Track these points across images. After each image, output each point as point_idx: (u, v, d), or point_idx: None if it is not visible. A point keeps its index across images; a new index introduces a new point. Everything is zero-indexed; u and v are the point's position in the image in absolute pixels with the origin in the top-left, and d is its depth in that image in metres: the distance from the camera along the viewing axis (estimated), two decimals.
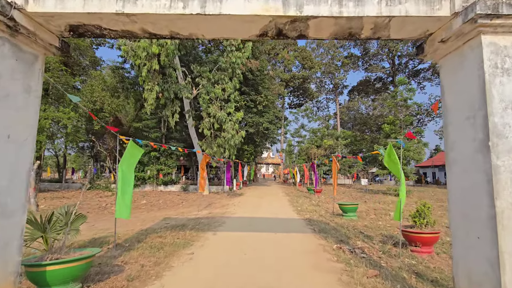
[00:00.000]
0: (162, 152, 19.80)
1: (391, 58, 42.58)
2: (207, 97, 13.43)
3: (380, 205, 13.23)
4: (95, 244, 5.65)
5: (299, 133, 28.74)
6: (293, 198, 16.41)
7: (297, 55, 36.66)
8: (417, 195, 19.63)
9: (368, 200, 15.48)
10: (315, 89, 48.35)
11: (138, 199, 14.54)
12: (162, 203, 13.26)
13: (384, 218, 9.48)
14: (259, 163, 45.99)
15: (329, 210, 11.42)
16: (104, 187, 19.51)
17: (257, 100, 20.58)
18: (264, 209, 11.28)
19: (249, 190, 22.20)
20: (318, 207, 12.16)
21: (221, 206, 12.18)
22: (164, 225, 7.64)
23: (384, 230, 7.50)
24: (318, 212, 10.55)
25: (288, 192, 20.54)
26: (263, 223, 8.21)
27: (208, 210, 10.81)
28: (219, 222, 8.18)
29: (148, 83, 11.89)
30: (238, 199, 15.42)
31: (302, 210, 11.11)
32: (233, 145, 13.29)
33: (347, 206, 9.15)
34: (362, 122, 48.91)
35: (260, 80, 20.74)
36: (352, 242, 6.05)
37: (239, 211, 10.50)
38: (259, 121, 20.49)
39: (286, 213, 10.43)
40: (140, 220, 8.64)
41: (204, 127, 13.83)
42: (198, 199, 15.20)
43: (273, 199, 15.70)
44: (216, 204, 12.93)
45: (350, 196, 18.20)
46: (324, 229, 7.24)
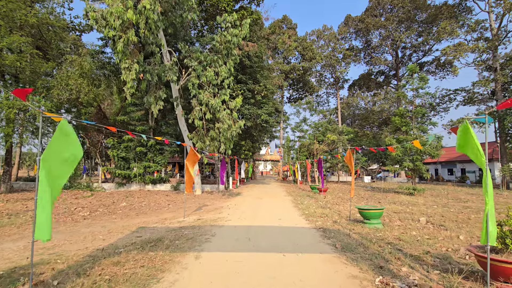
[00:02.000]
0: (150, 147, 17.80)
1: (395, 49, 40.71)
2: (197, 82, 11.43)
3: (398, 207, 11.41)
4: (9, 278, 3.69)
5: (301, 127, 26.87)
6: (296, 198, 14.55)
7: (297, 45, 34.64)
8: (430, 194, 17.89)
9: (381, 201, 13.65)
10: (315, 83, 46.44)
11: (118, 201, 12.58)
12: (145, 205, 11.31)
13: (414, 225, 7.63)
14: (257, 160, 44.10)
15: (342, 213, 9.56)
16: (85, 186, 17.50)
17: (255, 89, 18.61)
18: (264, 214, 9.39)
19: (247, 189, 20.30)
20: (328, 210, 10.30)
21: (214, 210, 10.28)
22: (133, 240, 5.71)
23: (427, 245, 5.64)
24: (331, 217, 8.69)
25: (289, 191, 18.68)
26: (265, 235, 6.31)
27: (197, 216, 8.89)
28: (208, 234, 6.27)
29: (125, 60, 9.85)
30: (235, 200, 13.52)
31: (310, 214, 9.24)
32: (230, 138, 11.35)
33: (370, 211, 7.28)
34: (364, 117, 47.20)
35: (258, 67, 18.76)
36: (396, 270, 4.19)
37: (234, 217, 8.59)
38: (257, 113, 18.54)
39: (292, 218, 8.55)
40: (106, 232, 6.69)
41: (194, 117, 11.87)
42: (189, 200, 13.28)
43: (274, 199, 13.82)
44: (209, 207, 11.02)
45: (358, 196, 16.37)
46: (348, 246, 5.37)
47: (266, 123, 18.68)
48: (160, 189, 18.13)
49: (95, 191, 17.33)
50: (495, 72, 28.30)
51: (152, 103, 11.15)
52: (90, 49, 16.41)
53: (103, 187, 18.07)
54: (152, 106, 11.19)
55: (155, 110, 11.20)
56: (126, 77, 9.79)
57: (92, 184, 18.19)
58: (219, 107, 11.19)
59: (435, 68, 40.69)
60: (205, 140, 12.41)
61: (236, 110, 11.75)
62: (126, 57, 9.84)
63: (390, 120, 43.85)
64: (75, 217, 8.63)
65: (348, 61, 44.32)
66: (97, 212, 9.62)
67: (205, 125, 12.49)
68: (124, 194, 15.51)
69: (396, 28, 38.48)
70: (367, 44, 44.50)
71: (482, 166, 3.36)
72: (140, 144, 17.79)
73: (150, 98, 11.09)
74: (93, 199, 13.18)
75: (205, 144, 12.42)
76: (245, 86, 18.26)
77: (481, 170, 39.37)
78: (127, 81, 9.82)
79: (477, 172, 39.60)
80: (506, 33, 27.66)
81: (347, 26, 43.55)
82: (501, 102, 28.16)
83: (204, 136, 12.50)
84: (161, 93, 11.15)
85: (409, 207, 11.63)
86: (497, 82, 27.40)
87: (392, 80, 45.84)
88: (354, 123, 53.71)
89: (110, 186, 18.11)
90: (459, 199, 15.42)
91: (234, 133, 11.22)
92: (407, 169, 17.09)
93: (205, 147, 12.51)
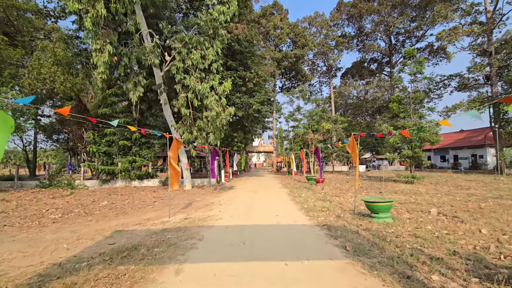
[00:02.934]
0: (135, 141, 16.60)
1: (388, 35, 39.88)
2: (181, 66, 10.27)
3: (402, 197, 10.72)
4: None
5: (295, 117, 25.96)
6: (292, 190, 13.74)
7: (288, 31, 33.32)
8: (428, 182, 17.39)
9: (382, 190, 12.97)
10: (308, 72, 45.36)
11: (99, 199, 11.49)
12: (127, 204, 10.27)
13: (426, 218, 6.88)
14: (250, 151, 43.19)
15: (344, 206, 8.77)
16: (66, 184, 16.27)
17: (246, 76, 17.49)
18: (260, 209, 8.51)
19: (240, 182, 19.41)
20: (328, 202, 9.49)
21: (204, 206, 9.34)
22: (103, 249, 4.73)
23: (449, 242, 4.86)
24: (333, 211, 7.88)
25: (285, 183, 17.88)
26: (262, 237, 5.43)
27: (184, 214, 7.94)
28: (195, 237, 5.34)
29: (96, 40, 8.56)
30: (227, 194, 12.60)
31: (310, 208, 8.40)
32: (219, 127, 10.30)
33: (379, 204, 6.46)
34: (357, 106, 46.63)
35: (249, 52, 17.59)
36: (425, 279, 3.36)
37: (226, 214, 7.68)
38: (249, 102, 17.48)
39: (291, 214, 7.69)
40: (74, 238, 5.68)
41: (179, 105, 10.76)
42: (177, 196, 12.29)
43: (269, 193, 12.97)
44: (198, 203, 10.08)
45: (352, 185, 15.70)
46: (361, 247, 4.53)
47: (258, 113, 17.66)
48: (147, 185, 17.04)
49: (77, 189, 16.13)
50: (490, 56, 27.86)
51: (131, 90, 9.93)
52: (63, 34, 14.87)
53: (85, 184, 16.87)
54: (131, 93, 9.98)
55: (134, 98, 9.99)
56: (97, 60, 8.52)
57: (73, 182, 16.95)
58: (207, 92, 10.09)
59: (428, 54, 40.12)
60: (193, 130, 11.33)
61: (225, 95, 10.65)
62: (97, 37, 8.58)
63: (383, 108, 43.45)
64: (44, 220, 7.55)
65: (341, 48, 43.32)
66: (72, 213, 8.54)
67: (192, 114, 11.40)
68: (107, 191, 14.39)
69: (390, 13, 37.55)
70: (360, 31, 43.52)
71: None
72: (124, 137, 16.57)
73: (128, 84, 9.87)
74: (71, 198, 12.04)
75: (192, 135, 11.36)
76: (235, 73, 17.11)
77: (473, 156, 39.30)
78: (98, 65, 8.56)
79: (470, 159, 39.84)
80: (501, 16, 27.10)
81: (339, 12, 42.37)
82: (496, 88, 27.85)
83: (191, 126, 11.42)
84: (140, 78, 9.94)
85: (412, 196, 10.96)
86: (492, 66, 26.97)
87: (386, 67, 45.22)
88: (346, 112, 53.18)
89: (94, 183, 16.91)
90: (459, 186, 14.92)
91: (223, 122, 10.17)
92: (406, 157, 16.47)
93: (193, 139, 11.46)
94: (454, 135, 44.97)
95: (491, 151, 38.05)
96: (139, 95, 10.06)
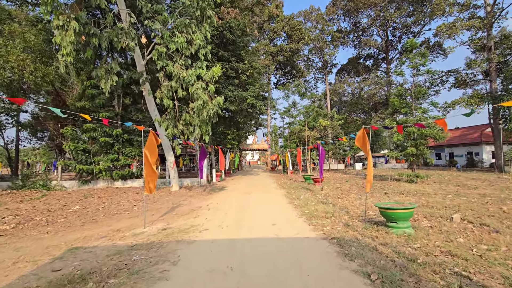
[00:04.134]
0: (117, 137, 15.17)
1: (385, 30, 38.98)
2: (164, 50, 8.94)
3: (410, 198, 9.66)
4: None
5: (290, 113, 24.79)
6: (289, 191, 12.59)
7: (284, 24, 32.05)
8: (432, 181, 16.47)
9: (387, 191, 11.91)
10: (304, 68, 44.24)
11: (72, 203, 10.11)
12: (102, 209, 8.93)
13: (450, 226, 5.79)
14: (244, 149, 41.97)
15: (350, 210, 7.65)
16: (41, 185, 14.79)
17: (239, 68, 16.20)
18: (253, 216, 7.30)
19: (233, 182, 18.17)
20: (331, 206, 8.36)
21: (190, 212, 8.09)
22: (37, 282, 3.45)
23: (498, 264, 3.75)
24: (339, 218, 6.74)
25: (280, 183, 16.72)
26: (256, 257, 4.21)
27: (163, 223, 6.68)
28: (168, 260, 4.10)
29: (58, 16, 7.12)
30: (217, 197, 11.37)
31: (311, 214, 7.24)
32: (207, 119, 9.00)
33: (398, 211, 5.32)
34: (353, 103, 45.80)
35: (242, 42, 16.30)
36: None
37: (213, 223, 6.45)
38: (242, 96, 16.21)
39: (290, 222, 6.51)
40: (12, 260, 4.37)
41: (162, 96, 9.44)
42: (161, 199, 11.01)
43: (264, 194, 11.77)
44: (183, 208, 8.82)
45: (356, 185, 14.66)
46: (388, 275, 3.37)
47: (252, 107, 16.42)
48: (131, 186, 15.66)
49: (53, 190, 14.67)
50: (490, 51, 27.18)
51: (102, 78, 8.51)
52: (31, 16, 13.28)
53: (63, 185, 15.40)
54: (102, 81, 8.56)
55: (106, 87, 8.59)
56: (60, 39, 7.10)
57: (50, 183, 15.46)
58: (193, 80, 8.77)
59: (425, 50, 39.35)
60: (178, 125, 10.03)
61: (214, 82, 9.37)
62: (58, 11, 7.17)
63: (380, 105, 42.71)
64: None
65: (337, 43, 42.30)
66: (30, 222, 7.19)
67: (177, 106, 10.09)
68: (86, 193, 12.99)
69: (387, 7, 36.64)
70: (356, 26, 42.55)
71: None
72: (105, 134, 15.13)
73: (99, 70, 8.44)
74: (41, 202, 10.63)
75: (178, 130, 10.06)
76: (228, 64, 15.81)
77: (469, 153, 38.76)
78: (63, 46, 7.15)
79: (465, 156, 39.48)
80: (500, 10, 26.40)
81: (335, 7, 41.27)
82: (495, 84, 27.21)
83: (176, 120, 10.12)
84: (113, 65, 8.55)
85: (421, 198, 9.93)
86: (492, 62, 26.28)
87: (382, 63, 44.44)
88: (341, 110, 52.34)
89: (73, 184, 15.44)
90: (465, 185, 13.99)
91: (211, 113, 8.88)
92: (410, 155, 15.48)
93: (179, 134, 10.16)
94: (449, 132, 44.64)
95: (487, 149, 37.68)
96: (112, 84, 8.67)
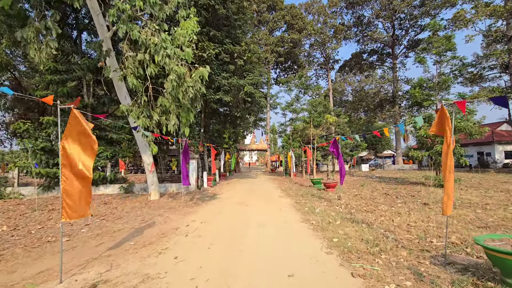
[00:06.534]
0: None
1: (392, 21, 36.49)
2: (127, 8, 6.25)
3: (467, 213, 7.04)
4: None
5: (293, 107, 22.18)
6: (298, 200, 9.92)
7: (284, 13, 29.46)
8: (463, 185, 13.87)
9: (424, 200, 9.26)
10: (305, 64, 41.69)
11: (8, 219, 7.37)
12: (36, 233, 6.22)
13: None
14: (242, 149, 39.25)
15: (402, 237, 5.01)
16: None
17: (234, 51, 13.55)
18: (253, 252, 4.62)
19: (228, 187, 15.47)
20: (366, 228, 5.71)
21: (157, 240, 5.38)
22: None
23: None
24: (395, 257, 4.09)
25: (285, 188, 14.04)
26: None
27: (101, 267, 3.96)
28: None
29: None
30: (204, 209, 8.68)
31: (345, 246, 4.57)
32: (186, 102, 6.32)
33: None
34: (358, 100, 43.30)
35: (238, 19, 13.66)
36: None
37: (183, 272, 3.77)
38: (239, 84, 13.55)
39: (318, 267, 3.83)
40: None
41: (127, 73, 6.78)
42: (132, 212, 8.31)
43: (266, 206, 9.07)
44: (152, 230, 6.12)
45: (370, 187, 11.99)
46: None
47: (250, 97, 13.77)
48: (104, 193, 12.91)
49: (8, 198, 11.94)
50: (510, 42, 24.82)
51: (30, 42, 5.79)
52: None
53: (20, 192, 12.65)
54: (31, 49, 5.82)
55: (39, 56, 5.92)
56: None
57: (4, 189, 12.69)
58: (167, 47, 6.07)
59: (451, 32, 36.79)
60: (153, 113, 7.37)
61: (194, 43, 6.71)
62: None
63: (386, 102, 40.23)
64: None
65: (340, 37, 39.80)
66: None
67: (151, 88, 7.41)
68: (41, 203, 10.23)
69: None
70: (360, 20, 40.10)
71: None
72: None
73: (26, 31, 5.71)
74: None
75: (152, 121, 7.40)
76: (221, 47, 13.15)
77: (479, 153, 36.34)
78: None
79: (475, 156, 37.12)
80: None
81: None
82: None
83: (149, 107, 7.45)
84: (51, 23, 5.87)
85: (476, 211, 7.34)
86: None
87: (387, 59, 42.00)
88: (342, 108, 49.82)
89: (32, 190, 12.69)
90: (508, 190, 11.42)
91: (191, 93, 6.22)
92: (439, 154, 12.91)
93: (153, 126, 7.49)
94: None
95: (499, 148, 35.38)
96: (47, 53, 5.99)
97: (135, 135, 10.14)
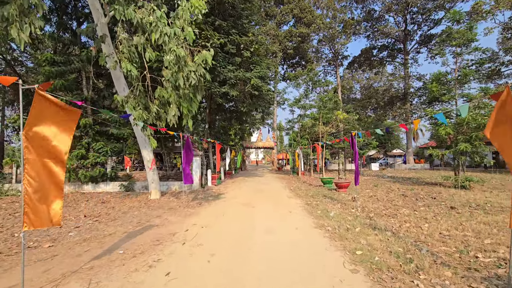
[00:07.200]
0: (85, 128, 11.88)
1: (404, 15, 35.08)
2: None
3: (504, 218, 6.16)
4: None
5: (302, 103, 21.30)
6: (309, 202, 9.13)
7: (293, 7, 28.49)
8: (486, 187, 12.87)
9: (452, 204, 8.38)
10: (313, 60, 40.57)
11: None
12: (18, 238, 5.62)
13: None
14: (248, 147, 38.52)
15: (439, 250, 4.18)
16: None
17: (241, 42, 12.79)
18: (261, 269, 3.90)
19: (233, 186, 14.77)
20: (393, 237, 4.92)
21: (149, 248, 4.69)
22: None
23: None
24: (438, 277, 3.30)
25: (293, 188, 13.26)
26: None
27: (78, 284, 3.29)
28: None
29: None
30: (207, 211, 7.99)
31: (372, 261, 3.80)
32: (188, 90, 5.60)
33: None
34: (367, 97, 42.05)
35: (246, 8, 12.87)
36: None
37: (180, 286, 3.06)
38: (246, 77, 12.78)
39: None
40: None
41: (122, 59, 6.10)
42: (128, 213, 7.67)
43: (274, 208, 8.31)
44: (145, 236, 5.45)
45: (396, 193, 11.10)
46: None
47: (257, 90, 12.98)
48: (104, 190, 12.38)
49: (4, 195, 11.49)
50: None
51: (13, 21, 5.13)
52: None
53: (18, 189, 12.20)
54: (12, 28, 5.18)
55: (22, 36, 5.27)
56: None
57: (2, 186, 12.29)
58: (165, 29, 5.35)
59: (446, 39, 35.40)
60: (151, 105, 6.68)
61: (196, 24, 5.98)
62: None
63: (397, 99, 38.89)
64: None
65: (349, 32, 38.55)
66: None
67: (148, 76, 6.72)
68: None
69: None
70: (370, 14, 38.75)
71: None
72: None
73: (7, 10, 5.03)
74: None
75: (150, 113, 6.71)
76: (227, 38, 12.40)
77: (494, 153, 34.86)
78: None
79: (490, 156, 35.60)
80: None
81: None
82: None
83: (146, 97, 6.76)
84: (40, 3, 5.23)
85: (505, 220, 6.42)
86: None
87: (398, 54, 40.56)
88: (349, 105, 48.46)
89: None
90: None
91: (193, 80, 5.48)
92: (461, 153, 11.94)
93: (152, 118, 6.81)
94: None
95: None
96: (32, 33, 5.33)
97: (134, 129, 9.49)
